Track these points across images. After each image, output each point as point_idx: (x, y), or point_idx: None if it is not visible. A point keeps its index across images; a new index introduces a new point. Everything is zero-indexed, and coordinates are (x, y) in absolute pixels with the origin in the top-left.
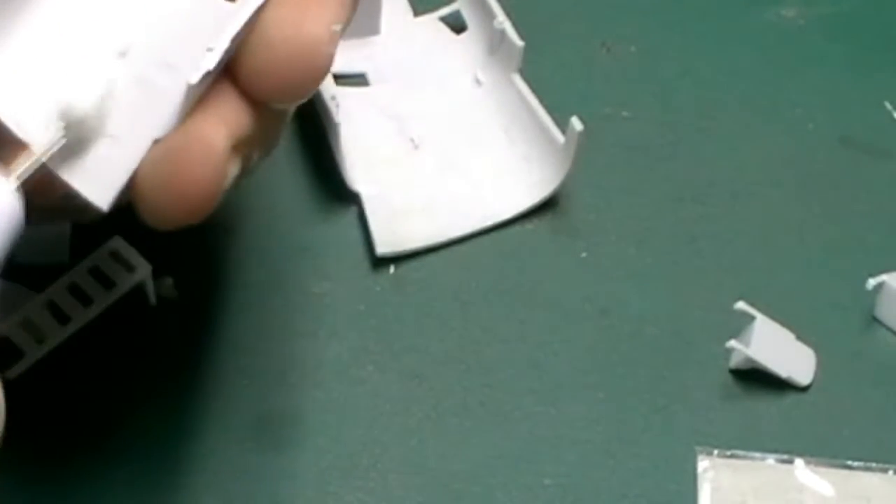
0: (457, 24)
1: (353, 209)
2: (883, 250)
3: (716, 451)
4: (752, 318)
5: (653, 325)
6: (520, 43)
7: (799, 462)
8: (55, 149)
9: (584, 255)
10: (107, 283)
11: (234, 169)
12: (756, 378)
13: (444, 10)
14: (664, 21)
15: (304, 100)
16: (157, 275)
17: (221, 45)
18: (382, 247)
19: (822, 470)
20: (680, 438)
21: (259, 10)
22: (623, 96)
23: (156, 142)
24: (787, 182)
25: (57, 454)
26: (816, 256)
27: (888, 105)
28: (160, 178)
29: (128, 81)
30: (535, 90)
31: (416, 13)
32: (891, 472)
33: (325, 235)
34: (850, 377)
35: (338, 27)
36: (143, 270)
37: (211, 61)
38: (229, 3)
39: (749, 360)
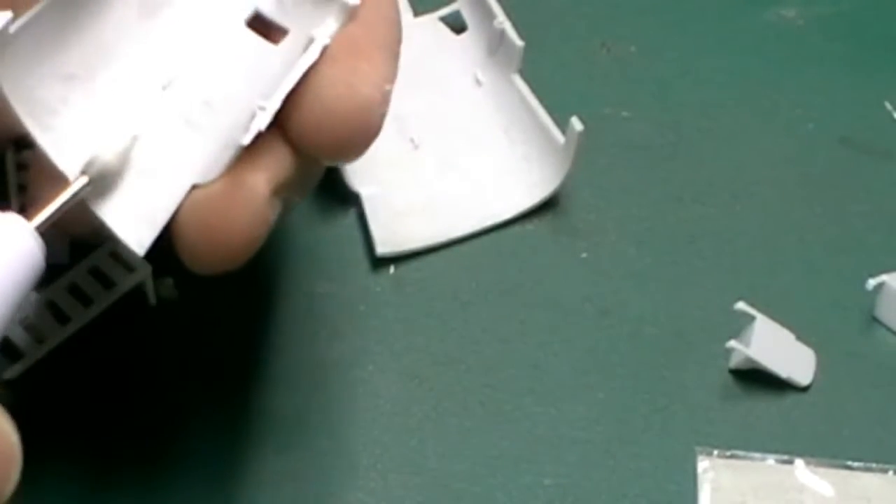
0: (457, 25)
1: (353, 209)
2: (883, 250)
3: (716, 452)
4: (752, 318)
5: (653, 325)
6: (520, 43)
7: (799, 462)
8: (77, 196)
9: (584, 255)
10: (107, 283)
11: (274, 214)
12: (756, 378)
13: (444, 11)
14: (664, 21)
15: (352, 160)
16: (156, 275)
17: (273, 105)
18: (382, 247)
19: (822, 470)
20: (680, 438)
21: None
22: (623, 96)
23: (195, 187)
24: (787, 182)
25: (56, 454)
26: (816, 256)
27: (888, 105)
28: (202, 224)
29: (168, 118)
30: (535, 90)
31: (416, 13)
32: (891, 473)
33: (325, 235)
34: (850, 377)
35: (389, 87)
36: (143, 271)
37: (263, 121)
38: (273, 47)
39: (749, 360)
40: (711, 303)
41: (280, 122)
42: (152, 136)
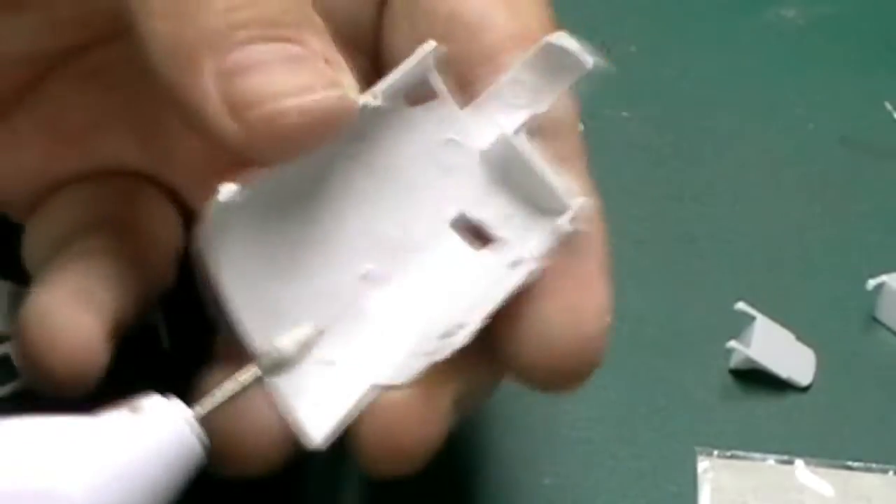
0: None
1: None
2: (883, 250)
3: (716, 452)
4: (752, 318)
5: (653, 325)
6: None
7: (799, 462)
8: (247, 387)
9: None
10: None
11: (454, 421)
12: (756, 378)
13: None
14: (664, 21)
15: (572, 391)
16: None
17: (474, 324)
18: None
19: (823, 470)
20: (680, 438)
21: (524, 288)
22: (623, 96)
23: (376, 387)
24: (787, 182)
25: None
26: (816, 256)
27: (888, 105)
28: (381, 431)
29: (359, 311)
30: None
31: None
32: (891, 473)
33: None
34: (850, 377)
35: (608, 318)
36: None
37: (461, 341)
38: (476, 254)
39: (749, 360)
40: (711, 303)
41: (485, 341)
42: (341, 327)
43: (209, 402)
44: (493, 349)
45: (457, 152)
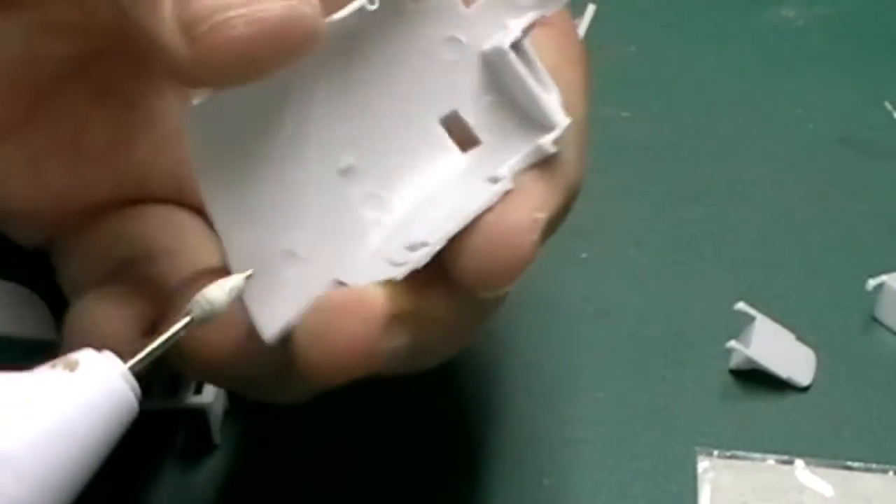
0: None
1: None
2: (883, 250)
3: (716, 452)
4: (752, 318)
5: (653, 325)
6: None
7: (799, 462)
8: (177, 337)
9: (584, 255)
10: (174, 390)
11: (395, 339)
12: (756, 378)
13: None
14: (664, 21)
15: (504, 291)
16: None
17: (437, 244)
18: None
19: (823, 470)
20: (680, 438)
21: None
22: (623, 96)
23: (332, 284)
24: (787, 182)
25: None
26: (816, 256)
27: (888, 105)
28: (313, 326)
29: (338, 208)
30: None
31: None
32: (891, 473)
33: None
34: (850, 377)
35: (541, 215)
36: (208, 398)
37: (421, 259)
38: (459, 155)
39: (749, 360)
40: (711, 303)
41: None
42: (313, 220)
43: (141, 355)
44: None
45: (457, 50)
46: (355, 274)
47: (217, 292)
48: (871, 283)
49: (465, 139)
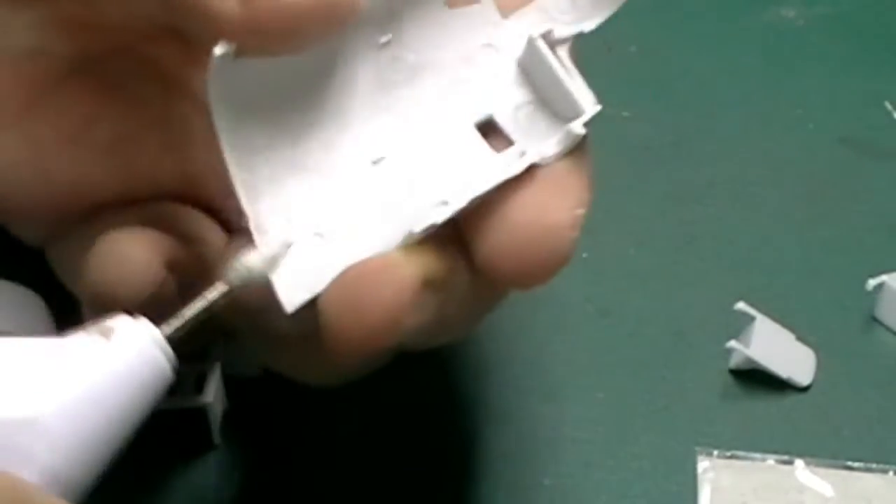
0: None
1: None
2: (883, 250)
3: (716, 452)
4: (752, 318)
5: (653, 325)
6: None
7: (799, 462)
8: (215, 306)
9: (584, 255)
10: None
11: (424, 308)
12: (756, 378)
13: None
14: (664, 21)
15: (539, 286)
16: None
17: (457, 202)
18: None
19: (823, 471)
20: (680, 438)
21: (501, 186)
22: (623, 96)
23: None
24: (787, 182)
25: None
26: (816, 256)
27: (888, 105)
28: (343, 298)
29: (369, 194)
30: None
31: None
32: (891, 473)
33: None
34: (850, 377)
35: (580, 211)
36: (206, 399)
37: (440, 216)
38: (494, 155)
39: (749, 360)
40: (711, 303)
41: (465, 235)
42: (349, 208)
43: (176, 321)
44: (467, 247)
45: (492, 57)
46: (378, 244)
47: (255, 260)
48: (871, 283)
49: (499, 141)
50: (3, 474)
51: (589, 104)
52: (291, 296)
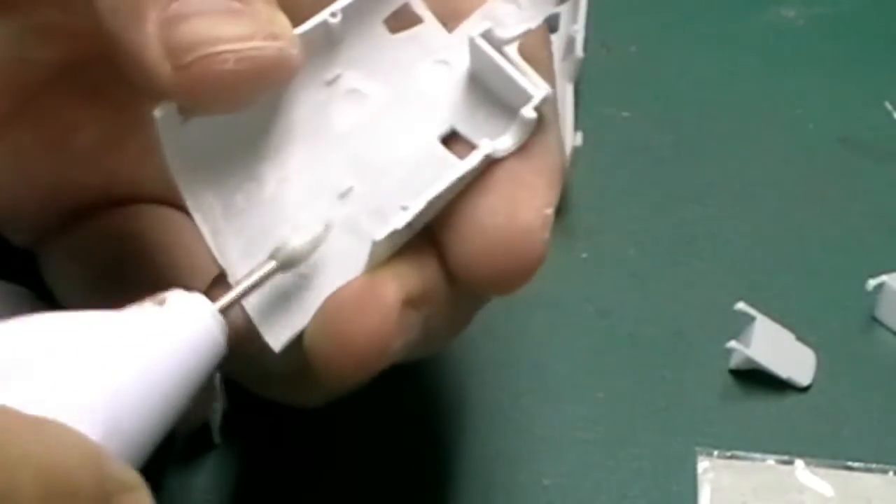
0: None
1: None
2: (883, 250)
3: (716, 452)
4: (752, 318)
5: (653, 325)
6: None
7: (799, 463)
8: (261, 279)
9: (584, 255)
10: None
11: (409, 328)
12: (756, 378)
13: None
14: (664, 21)
15: (516, 290)
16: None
17: (416, 206)
18: None
19: (822, 470)
20: (680, 439)
21: (468, 191)
22: (623, 96)
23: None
24: (787, 182)
25: None
26: (816, 256)
27: (888, 105)
28: (328, 326)
29: (339, 227)
30: None
31: None
32: (891, 473)
33: None
34: (850, 377)
35: (549, 211)
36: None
37: (401, 220)
38: (459, 162)
39: (749, 360)
40: (711, 303)
41: (443, 257)
42: (324, 243)
43: (229, 295)
44: (441, 253)
45: (444, 72)
46: (348, 269)
47: (298, 240)
48: (871, 283)
49: (462, 147)
50: (72, 432)
51: (534, 88)
52: (277, 335)
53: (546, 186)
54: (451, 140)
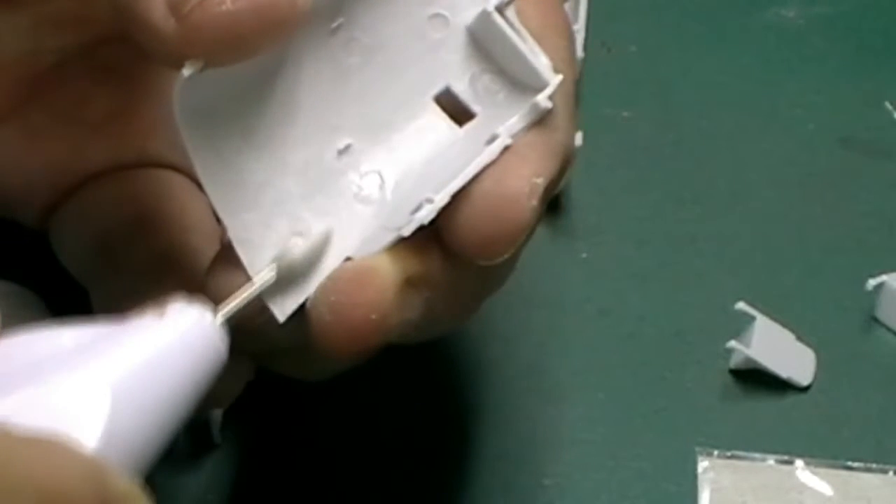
0: None
1: None
2: (883, 250)
3: (716, 452)
4: (752, 318)
5: (653, 325)
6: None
7: (799, 463)
8: (262, 288)
9: (584, 255)
10: None
11: (409, 306)
12: (756, 378)
13: None
14: (664, 21)
15: (505, 257)
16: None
17: (442, 199)
18: None
19: (822, 470)
20: (680, 438)
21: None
22: (623, 96)
23: (343, 260)
24: (787, 182)
25: None
26: (816, 256)
27: (888, 105)
28: (328, 300)
29: (338, 185)
30: None
31: None
32: (891, 473)
33: None
34: (850, 377)
35: (539, 180)
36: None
37: (428, 215)
38: (456, 129)
39: (749, 360)
40: (711, 303)
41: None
42: (316, 200)
43: (230, 305)
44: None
45: (443, 27)
46: (363, 247)
47: (301, 247)
48: (871, 283)
49: (460, 114)
50: (71, 445)
51: (549, 74)
52: (282, 304)
53: (539, 157)
54: (446, 101)
